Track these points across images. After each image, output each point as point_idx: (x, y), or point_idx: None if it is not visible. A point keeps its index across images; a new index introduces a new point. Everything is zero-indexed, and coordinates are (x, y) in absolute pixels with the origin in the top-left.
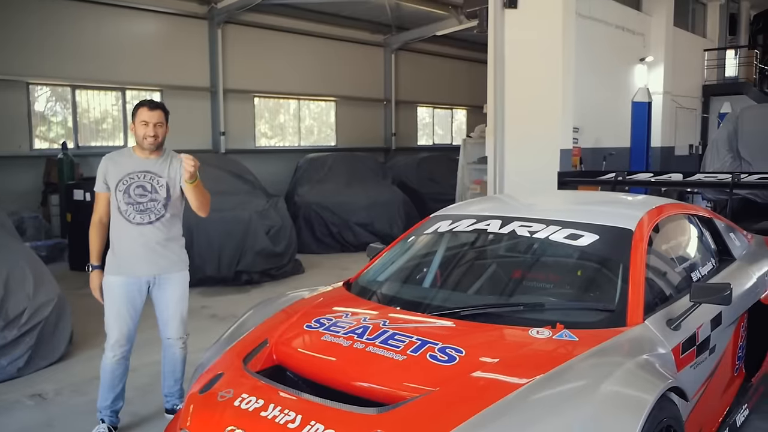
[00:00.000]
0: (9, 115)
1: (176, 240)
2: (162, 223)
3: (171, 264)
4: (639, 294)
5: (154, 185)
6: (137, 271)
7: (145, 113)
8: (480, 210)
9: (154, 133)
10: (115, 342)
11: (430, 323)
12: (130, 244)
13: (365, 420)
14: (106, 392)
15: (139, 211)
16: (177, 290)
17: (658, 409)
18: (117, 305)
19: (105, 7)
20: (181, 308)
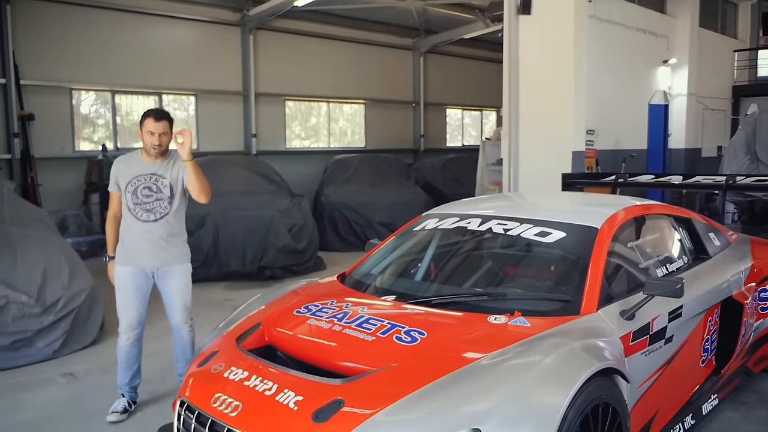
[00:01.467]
0: (53, 119)
1: (179, 235)
2: (166, 220)
3: (174, 257)
4: (595, 286)
5: (159, 186)
6: (143, 262)
7: (151, 124)
8: (469, 209)
9: (159, 142)
10: (127, 326)
11: (402, 310)
12: (137, 238)
13: (329, 389)
14: (124, 371)
15: (146, 210)
16: (180, 281)
17: (593, 386)
18: (126, 293)
19: (143, 16)
20: (184, 297)
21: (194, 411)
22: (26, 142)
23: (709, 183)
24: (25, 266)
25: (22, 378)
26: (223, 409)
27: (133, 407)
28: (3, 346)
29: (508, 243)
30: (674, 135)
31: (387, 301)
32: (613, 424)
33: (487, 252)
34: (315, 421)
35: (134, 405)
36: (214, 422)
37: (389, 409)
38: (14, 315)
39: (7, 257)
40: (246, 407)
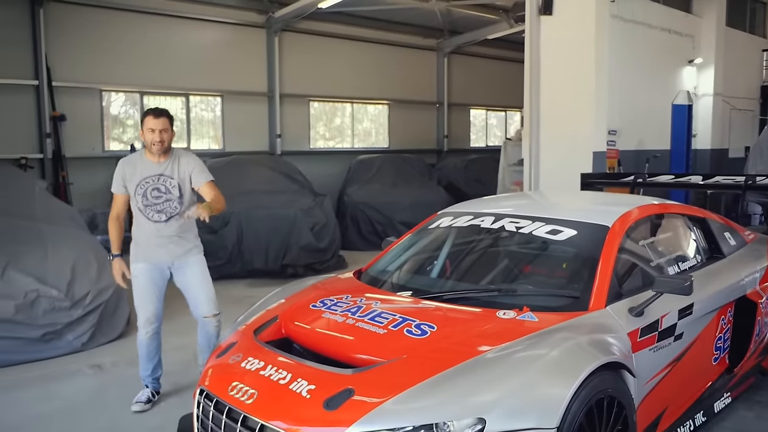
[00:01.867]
0: (84, 119)
1: (191, 231)
2: (177, 219)
3: (186, 251)
4: (604, 283)
5: (168, 186)
6: (157, 258)
7: (151, 121)
8: (483, 207)
9: (160, 138)
10: (145, 321)
11: (413, 305)
12: (150, 237)
13: (340, 378)
14: (145, 363)
15: (156, 210)
16: (195, 271)
17: (598, 380)
18: (143, 289)
19: (171, 19)
20: (204, 287)
21: (213, 399)
22: (58, 142)
23: (728, 183)
24: (55, 262)
25: (52, 369)
26: (240, 397)
27: (157, 397)
28: (34, 339)
29: (520, 241)
30: (700, 135)
31: (400, 297)
32: (619, 417)
33: (499, 249)
34: (326, 409)
35: (157, 395)
36: (231, 409)
37: (397, 398)
38: (45, 308)
39: (39, 253)
40: (261, 395)
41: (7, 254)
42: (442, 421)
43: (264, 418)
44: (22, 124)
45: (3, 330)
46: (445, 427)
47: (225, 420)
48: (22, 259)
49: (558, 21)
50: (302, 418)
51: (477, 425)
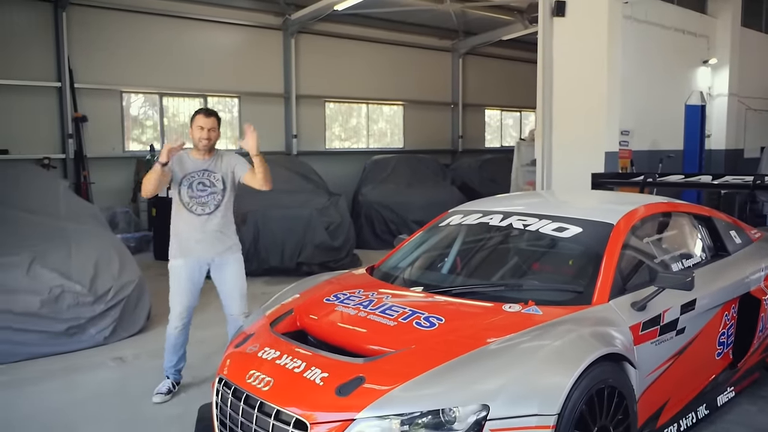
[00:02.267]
0: (105, 120)
1: (231, 227)
2: (219, 212)
3: (227, 247)
4: (608, 279)
5: (212, 180)
6: (199, 254)
7: (201, 119)
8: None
9: (207, 136)
10: (177, 315)
11: (423, 299)
12: (192, 231)
13: (352, 367)
14: (170, 355)
15: (200, 203)
16: (234, 269)
17: (599, 370)
18: (180, 283)
19: (189, 21)
20: (239, 286)
21: (231, 387)
22: (79, 143)
23: (737, 183)
24: (79, 258)
25: (76, 361)
26: (257, 384)
27: (177, 388)
28: (58, 332)
29: (527, 238)
30: (714, 136)
31: (410, 291)
32: (620, 407)
33: (506, 246)
34: (338, 395)
35: (178, 386)
36: (249, 396)
37: (405, 386)
38: (69, 303)
39: (63, 250)
40: (277, 382)
41: (33, 251)
42: (448, 407)
43: (280, 404)
44: (45, 124)
45: (29, 324)
46: (451, 413)
47: (243, 406)
48: (47, 256)
49: (571, 23)
50: (316, 403)
51: (481, 411)
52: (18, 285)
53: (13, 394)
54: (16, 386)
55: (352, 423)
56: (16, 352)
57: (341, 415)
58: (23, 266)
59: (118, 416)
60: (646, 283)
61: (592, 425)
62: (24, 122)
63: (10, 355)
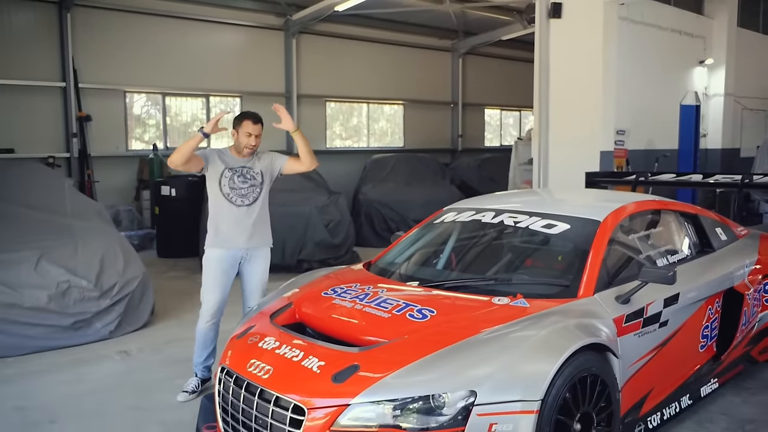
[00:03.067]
0: (108, 119)
1: (267, 221)
2: (258, 205)
3: (262, 240)
4: (593, 273)
5: (253, 174)
6: (238, 243)
7: (250, 126)
8: (486, 203)
9: (255, 143)
10: (208, 310)
11: (417, 292)
12: (232, 222)
13: (347, 356)
14: (200, 351)
15: (240, 195)
16: (262, 264)
17: (582, 359)
18: (213, 276)
19: (192, 22)
20: (264, 280)
21: (233, 375)
22: (84, 142)
23: (726, 181)
24: (85, 255)
25: (82, 354)
26: (257, 373)
27: (202, 387)
28: (65, 327)
29: (517, 234)
30: (711, 135)
31: (404, 285)
32: (602, 394)
33: (497, 242)
34: (334, 382)
35: (205, 383)
36: (250, 384)
37: (397, 373)
38: (75, 298)
39: (69, 246)
40: (276, 371)
41: (41, 247)
42: (438, 392)
43: (279, 391)
44: (50, 124)
45: (37, 318)
46: (440, 398)
47: (244, 394)
48: (54, 252)
49: (567, 24)
50: (313, 390)
51: (470, 397)
52: (26, 280)
53: (25, 385)
54: (26, 377)
55: (347, 408)
56: (25, 346)
57: (337, 400)
58: (31, 262)
59: (125, 405)
60: (631, 278)
61: (575, 411)
62: (29, 121)
63: (19, 348)
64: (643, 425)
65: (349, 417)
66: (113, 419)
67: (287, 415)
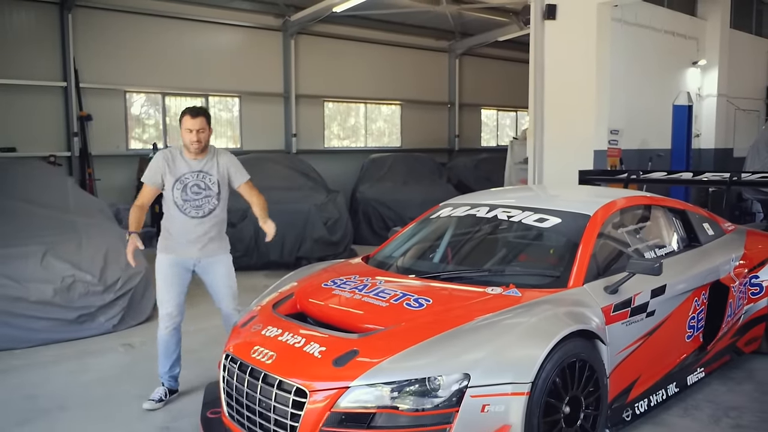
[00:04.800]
0: (109, 119)
1: (222, 231)
2: (214, 215)
3: (216, 248)
4: (583, 265)
5: (207, 183)
6: (187, 254)
7: (189, 121)
8: (481, 199)
9: (197, 138)
10: (167, 315)
11: (414, 283)
12: (184, 233)
13: (347, 342)
14: (164, 360)
15: (194, 207)
16: (222, 268)
17: (571, 345)
18: (167, 281)
19: (191, 23)
20: (229, 284)
21: (237, 361)
22: (84, 141)
23: (715, 179)
24: (89, 250)
25: (87, 346)
26: (261, 358)
27: (169, 397)
28: (70, 320)
29: (510, 228)
30: (704, 135)
31: (401, 277)
32: (590, 379)
33: (491, 235)
34: (334, 366)
35: (172, 395)
36: (253, 369)
37: (394, 358)
38: (80, 292)
39: (74, 242)
40: (279, 356)
41: (46, 243)
42: (433, 375)
43: (282, 375)
44: (51, 123)
45: (42, 312)
46: (435, 381)
47: (248, 378)
48: (59, 248)
49: (561, 25)
50: (314, 374)
51: (464, 380)
52: (32, 275)
53: (33, 375)
54: (34, 368)
55: (347, 390)
56: (31, 338)
57: (337, 383)
58: (37, 257)
59: (130, 393)
60: (619, 269)
61: (564, 395)
62: (31, 121)
63: (25, 340)
64: (631, 411)
65: (348, 399)
66: (120, 406)
67: (290, 398)
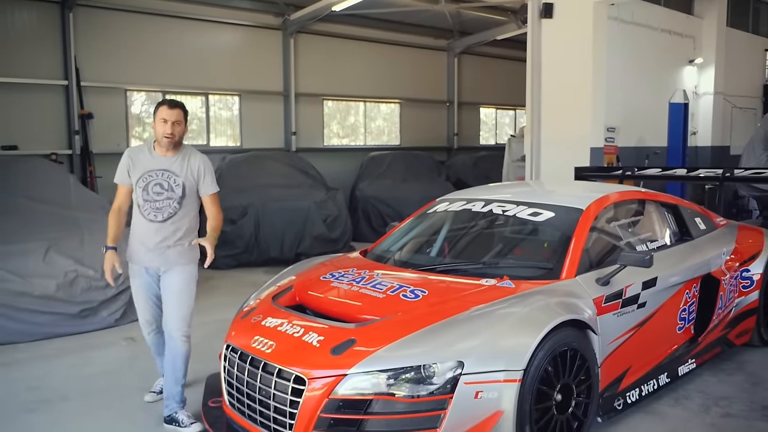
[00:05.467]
0: (110, 117)
1: (187, 236)
2: (173, 221)
3: (176, 259)
4: (576, 257)
5: (171, 184)
6: (146, 262)
7: (165, 111)
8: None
9: (171, 131)
10: (145, 322)
11: (410, 275)
12: (144, 238)
13: (345, 331)
14: (158, 357)
15: (154, 208)
16: (177, 283)
17: (563, 334)
18: (138, 292)
19: (191, 22)
20: (180, 302)
21: (238, 351)
22: (86, 139)
23: (708, 175)
24: (91, 245)
25: (90, 340)
26: (261, 348)
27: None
28: (72, 314)
29: (505, 222)
30: (701, 133)
31: (398, 269)
32: (582, 368)
33: (486, 229)
34: (332, 355)
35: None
36: (254, 358)
37: (391, 346)
38: (82, 287)
39: (76, 237)
40: (278, 345)
41: (49, 239)
42: (428, 363)
43: (281, 363)
44: (53, 121)
45: (45, 306)
46: (430, 368)
47: (248, 367)
48: (61, 243)
49: (558, 24)
50: (313, 362)
51: (458, 368)
52: (35, 270)
53: (36, 367)
54: (36, 361)
55: (345, 378)
56: (34, 332)
57: (335, 371)
58: (40, 252)
59: (133, 385)
60: (611, 262)
61: (556, 382)
62: (32, 119)
63: (28, 334)
64: (622, 400)
65: (346, 386)
66: (122, 398)
67: (289, 386)
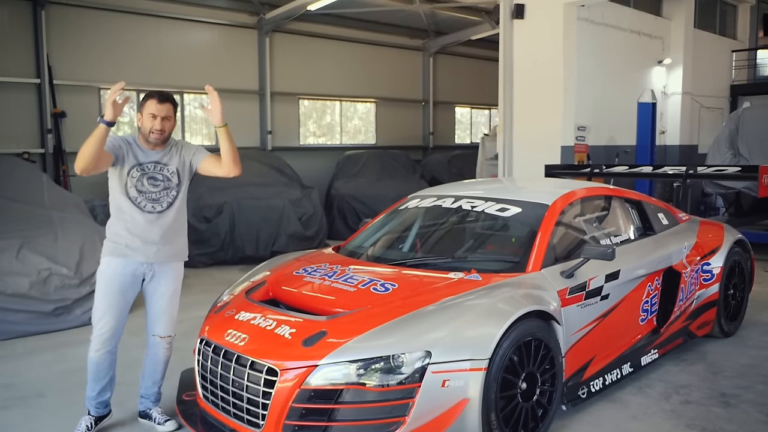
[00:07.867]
0: (83, 116)
1: (183, 230)
2: (173, 210)
3: (174, 253)
4: (541, 251)
5: (165, 174)
6: (141, 256)
7: (154, 106)
8: (448, 191)
9: (161, 127)
10: (100, 335)
11: (381, 270)
12: (137, 230)
13: (316, 324)
14: (93, 384)
15: (151, 200)
16: (171, 283)
17: (527, 324)
18: (108, 295)
19: (166, 20)
20: (172, 304)
21: (211, 345)
22: (58, 138)
23: (673, 173)
24: (65, 244)
25: (64, 338)
26: (234, 341)
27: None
28: (46, 312)
29: (474, 217)
30: (669, 132)
31: (371, 264)
32: (546, 357)
33: (456, 224)
34: (304, 346)
35: (104, 420)
36: (227, 351)
37: (361, 337)
38: (56, 285)
39: (50, 236)
40: (251, 339)
41: (22, 237)
42: (397, 353)
43: (254, 356)
44: (25, 120)
45: (19, 304)
46: (399, 358)
47: (221, 361)
48: (34, 241)
49: (529, 25)
50: (285, 354)
51: (425, 357)
52: (8, 268)
53: (11, 365)
54: (11, 359)
55: (316, 368)
56: (7, 331)
57: (306, 362)
58: (13, 250)
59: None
60: (576, 255)
61: (521, 371)
62: (3, 118)
63: (2, 333)
64: (587, 389)
65: (317, 377)
66: None
67: (261, 377)
